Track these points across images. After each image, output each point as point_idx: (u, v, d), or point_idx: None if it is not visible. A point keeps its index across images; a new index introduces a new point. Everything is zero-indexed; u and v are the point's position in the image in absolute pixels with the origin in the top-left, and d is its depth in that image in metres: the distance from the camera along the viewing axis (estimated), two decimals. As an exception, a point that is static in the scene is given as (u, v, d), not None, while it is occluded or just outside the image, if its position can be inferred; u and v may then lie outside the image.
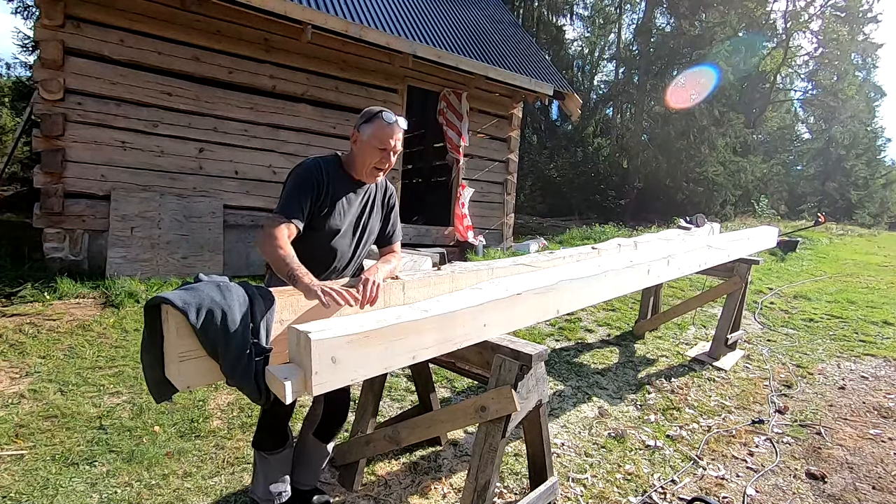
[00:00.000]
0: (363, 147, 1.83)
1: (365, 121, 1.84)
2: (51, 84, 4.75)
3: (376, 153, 1.82)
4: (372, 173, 1.88)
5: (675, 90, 17.27)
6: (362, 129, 1.84)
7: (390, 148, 1.83)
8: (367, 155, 1.83)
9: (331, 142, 6.49)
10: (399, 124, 1.85)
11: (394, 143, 1.84)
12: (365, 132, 1.83)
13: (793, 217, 21.30)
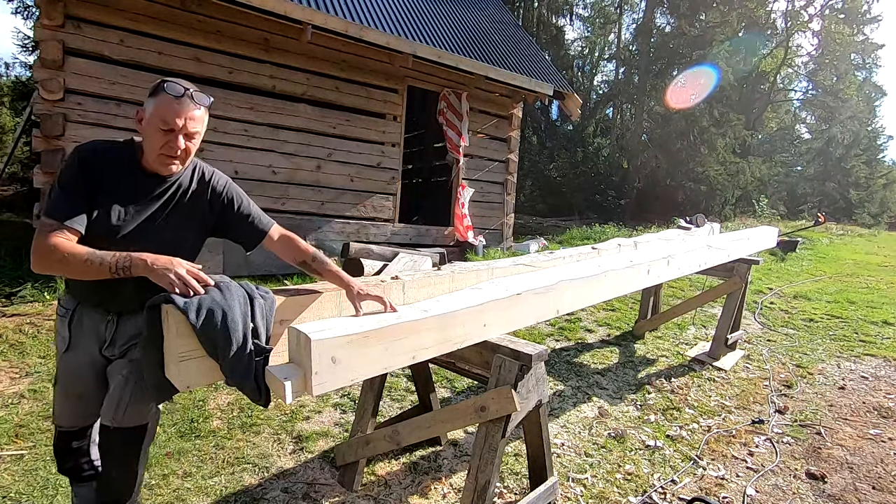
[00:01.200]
0: (146, 128, 1.47)
1: (149, 94, 1.48)
2: (51, 84, 4.75)
3: (160, 136, 1.45)
4: (161, 161, 1.48)
5: (675, 90, 17.28)
6: (146, 105, 1.47)
7: (178, 128, 1.45)
8: (152, 138, 1.46)
9: (330, 142, 6.50)
10: (194, 99, 1.47)
11: (182, 123, 1.45)
12: (148, 109, 1.46)
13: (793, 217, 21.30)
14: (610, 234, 10.31)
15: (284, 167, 6.18)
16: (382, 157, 6.99)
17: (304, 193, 6.35)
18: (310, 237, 6.35)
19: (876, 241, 16.69)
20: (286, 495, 2.30)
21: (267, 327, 1.45)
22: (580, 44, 24.53)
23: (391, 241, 6.97)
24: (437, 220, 7.96)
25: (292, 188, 6.25)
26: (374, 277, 2.01)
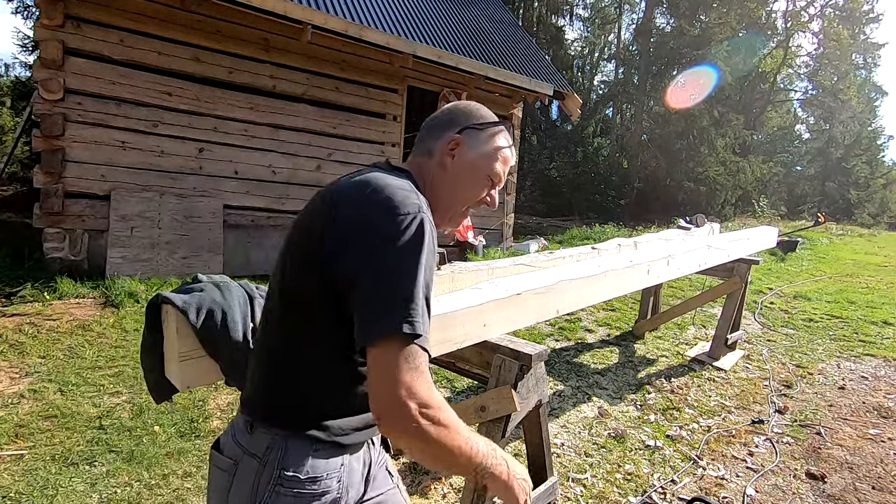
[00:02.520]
0: (468, 169, 1.05)
1: (476, 126, 1.07)
2: (51, 84, 4.76)
3: (483, 185, 1.09)
4: (464, 216, 1.18)
5: (674, 90, 17.27)
6: (471, 139, 1.05)
7: (500, 183, 1.13)
8: (472, 185, 1.08)
9: (330, 142, 6.50)
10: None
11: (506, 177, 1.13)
12: (476, 145, 1.06)
13: (793, 217, 21.30)
14: (610, 234, 10.31)
15: (285, 167, 6.18)
16: (382, 157, 6.99)
17: (304, 193, 6.34)
18: (310, 237, 6.35)
19: (876, 241, 16.69)
20: (286, 495, 2.29)
21: (267, 327, 1.45)
22: (580, 44, 24.54)
23: (391, 241, 6.96)
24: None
25: (292, 188, 6.25)
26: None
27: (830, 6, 22.07)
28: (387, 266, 0.80)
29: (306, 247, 0.89)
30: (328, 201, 0.90)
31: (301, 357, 0.92)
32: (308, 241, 0.89)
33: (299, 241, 0.92)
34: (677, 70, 17.81)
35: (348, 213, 0.86)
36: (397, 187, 0.88)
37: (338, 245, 0.84)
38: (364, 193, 0.87)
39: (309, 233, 0.90)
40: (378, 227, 0.82)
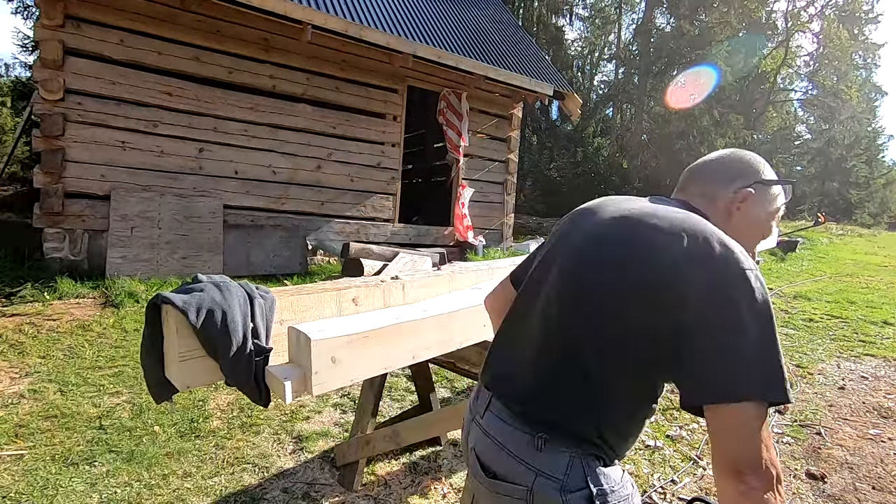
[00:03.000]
0: (753, 224, 1.06)
1: (766, 182, 1.06)
2: (51, 84, 4.76)
3: (759, 238, 1.10)
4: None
5: (674, 90, 17.28)
6: (761, 195, 1.05)
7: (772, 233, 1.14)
8: (749, 237, 1.06)
9: (330, 142, 6.50)
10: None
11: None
12: (765, 203, 1.07)
13: (793, 217, 21.31)
14: (610, 234, 10.28)
15: (284, 167, 6.18)
16: (382, 157, 6.99)
17: (304, 193, 6.35)
18: (310, 237, 6.36)
19: (876, 241, 16.70)
20: (286, 495, 2.30)
21: (267, 327, 1.45)
22: (580, 44, 24.55)
23: (391, 241, 6.97)
24: (437, 220, 7.96)
25: (292, 188, 6.25)
26: (374, 277, 2.01)
27: (830, 6, 22.07)
28: (748, 326, 0.80)
29: (642, 293, 0.87)
30: (662, 248, 0.88)
31: (613, 389, 0.94)
32: (646, 288, 0.87)
33: (627, 283, 0.89)
34: (677, 70, 17.82)
35: (700, 268, 0.85)
36: (731, 239, 0.89)
37: (691, 300, 0.83)
38: (710, 247, 0.86)
39: (644, 277, 0.88)
40: (734, 287, 0.82)
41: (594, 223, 1.02)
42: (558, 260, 1.03)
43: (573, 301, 0.96)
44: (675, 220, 0.93)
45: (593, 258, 0.97)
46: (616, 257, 0.93)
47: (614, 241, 0.95)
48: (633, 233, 0.94)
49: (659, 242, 0.90)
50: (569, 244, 1.04)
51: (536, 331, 1.01)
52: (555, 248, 1.08)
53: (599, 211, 1.05)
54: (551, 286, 1.01)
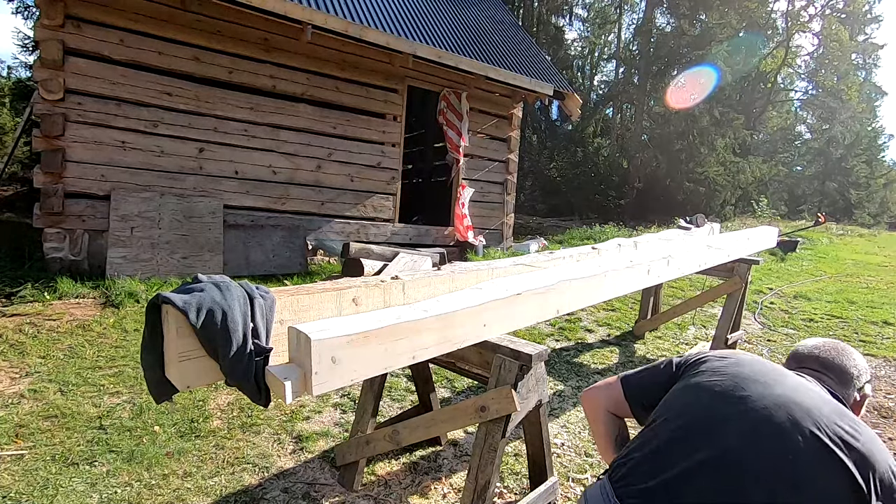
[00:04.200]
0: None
1: (869, 383, 1.31)
2: (51, 84, 4.76)
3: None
4: None
5: (675, 90, 17.28)
6: (867, 389, 1.31)
7: None
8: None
9: (330, 142, 6.50)
10: None
11: None
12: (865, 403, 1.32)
13: (793, 217, 21.29)
14: (610, 234, 10.31)
15: (284, 167, 6.18)
16: (382, 157, 6.99)
17: (304, 193, 6.35)
18: (310, 237, 6.36)
19: (876, 241, 16.69)
20: (286, 495, 2.30)
21: (267, 327, 1.45)
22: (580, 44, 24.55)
23: (391, 241, 6.97)
24: (437, 220, 7.96)
25: (292, 188, 6.25)
26: (374, 277, 2.01)
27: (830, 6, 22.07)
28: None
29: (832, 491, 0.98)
30: (851, 454, 1.00)
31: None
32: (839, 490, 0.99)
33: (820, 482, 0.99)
34: (677, 70, 17.82)
35: (883, 478, 1.00)
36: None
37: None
38: (888, 458, 1.03)
39: (837, 480, 0.99)
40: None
41: (778, 408, 1.07)
42: (737, 423, 1.07)
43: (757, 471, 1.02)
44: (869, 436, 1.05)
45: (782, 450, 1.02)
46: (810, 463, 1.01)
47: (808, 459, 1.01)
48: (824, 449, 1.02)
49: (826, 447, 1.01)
50: (750, 414, 1.08)
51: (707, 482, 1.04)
52: (724, 401, 1.12)
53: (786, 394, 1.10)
54: (728, 448, 1.05)
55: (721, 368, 1.20)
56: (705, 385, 1.18)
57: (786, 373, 1.19)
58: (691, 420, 1.13)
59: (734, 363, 1.21)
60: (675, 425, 1.14)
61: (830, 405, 1.10)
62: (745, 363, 1.20)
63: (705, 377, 1.19)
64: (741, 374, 1.17)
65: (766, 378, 1.14)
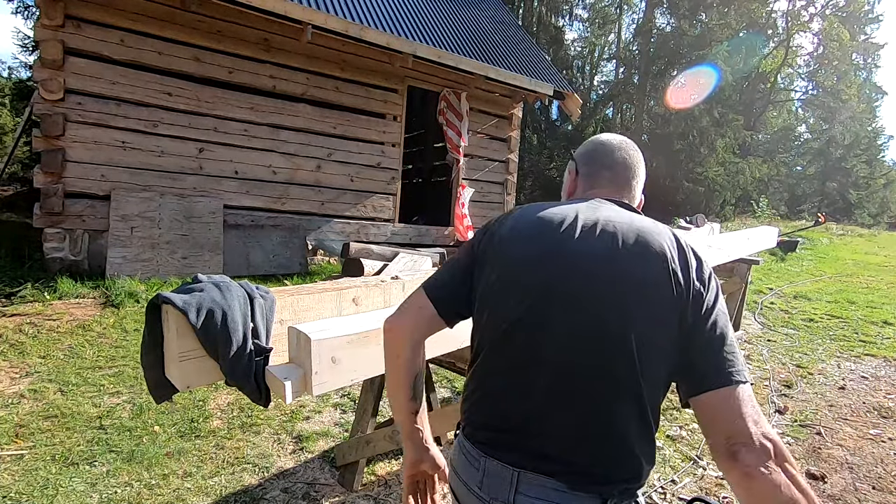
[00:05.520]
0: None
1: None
2: (51, 84, 4.76)
3: None
4: None
5: (675, 90, 17.27)
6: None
7: None
8: None
9: (331, 142, 6.50)
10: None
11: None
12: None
13: (793, 217, 21.29)
14: (610, 234, 10.28)
15: (284, 167, 6.18)
16: (382, 157, 6.99)
17: (304, 193, 6.35)
18: (310, 237, 6.36)
19: (876, 241, 16.69)
20: (286, 495, 2.30)
21: (267, 327, 1.45)
22: (580, 44, 24.52)
23: (391, 241, 6.97)
24: (437, 220, 7.96)
25: (292, 188, 6.25)
26: (374, 277, 2.01)
27: (831, 6, 22.06)
28: (727, 320, 0.92)
29: (664, 304, 0.88)
30: (669, 258, 0.90)
31: (655, 411, 0.92)
32: (664, 298, 0.88)
33: (648, 297, 0.88)
34: (677, 70, 17.81)
35: (696, 274, 0.91)
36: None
37: (696, 302, 0.89)
38: (695, 252, 0.95)
39: (661, 290, 0.88)
40: (714, 286, 0.93)
41: (585, 243, 0.92)
42: (560, 291, 0.90)
43: (604, 332, 0.87)
44: (660, 231, 0.95)
45: (609, 283, 0.88)
46: (637, 277, 0.89)
47: (628, 260, 0.90)
48: (643, 250, 0.91)
49: (666, 255, 0.91)
50: (564, 270, 0.91)
51: (559, 378, 0.89)
52: (536, 276, 0.92)
53: (575, 226, 0.94)
54: (565, 322, 0.89)
55: (521, 239, 0.98)
56: (516, 255, 0.97)
57: (589, 207, 1.01)
58: (516, 323, 0.92)
59: (524, 213, 1.03)
60: (504, 345, 0.95)
61: (634, 218, 0.97)
62: (533, 209, 1.02)
63: (512, 247, 0.98)
64: (543, 231, 0.97)
65: (572, 222, 0.96)
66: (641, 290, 0.88)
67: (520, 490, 0.89)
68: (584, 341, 0.88)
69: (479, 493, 0.93)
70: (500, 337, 0.94)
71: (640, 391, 0.88)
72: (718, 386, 0.84)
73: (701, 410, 0.86)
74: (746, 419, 0.81)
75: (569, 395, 0.89)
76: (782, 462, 0.78)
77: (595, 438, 0.88)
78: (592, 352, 0.87)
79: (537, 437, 0.90)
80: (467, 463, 0.97)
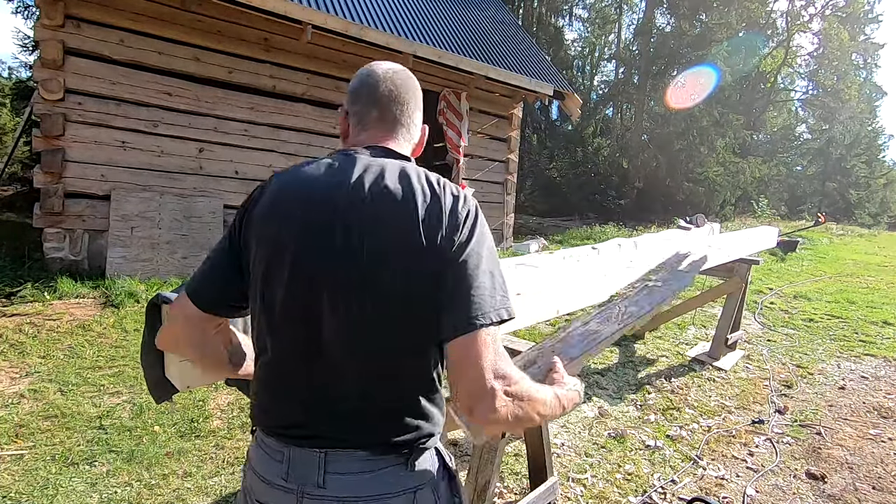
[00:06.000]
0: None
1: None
2: (51, 84, 4.75)
3: None
4: None
5: (675, 90, 17.27)
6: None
7: None
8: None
9: (331, 142, 6.50)
10: None
11: None
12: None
13: (793, 217, 21.29)
14: (610, 234, 10.31)
15: (285, 167, 6.17)
16: (382, 157, 6.98)
17: (304, 193, 6.34)
18: (310, 237, 6.35)
19: (876, 241, 16.69)
20: (286, 495, 2.30)
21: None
22: (580, 44, 24.54)
23: (391, 241, 6.97)
24: (437, 220, 7.95)
25: (292, 188, 6.25)
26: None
27: (830, 6, 22.05)
28: (481, 260, 0.94)
29: (422, 254, 0.86)
30: (420, 205, 0.89)
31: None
32: (420, 249, 0.86)
33: (408, 249, 0.86)
34: (677, 70, 17.82)
35: (448, 219, 0.92)
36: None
37: (449, 243, 0.88)
38: (453, 193, 0.96)
39: (416, 240, 0.86)
40: (470, 223, 0.96)
41: (340, 208, 0.88)
42: (321, 266, 0.87)
43: (376, 294, 0.85)
44: (413, 177, 0.92)
45: (370, 246, 0.86)
46: (389, 230, 0.86)
47: (380, 215, 0.87)
48: (394, 203, 0.87)
49: (417, 204, 0.88)
50: (322, 240, 0.87)
51: (340, 350, 0.87)
52: (294, 251, 0.88)
53: (330, 192, 0.90)
54: (334, 294, 0.86)
55: (274, 203, 0.94)
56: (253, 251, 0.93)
57: (322, 166, 0.97)
58: (283, 307, 0.89)
59: (280, 183, 0.98)
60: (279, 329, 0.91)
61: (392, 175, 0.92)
62: (286, 178, 0.97)
63: (269, 223, 0.92)
64: (279, 204, 0.93)
65: (307, 191, 0.92)
66: (401, 244, 0.85)
67: (328, 470, 0.87)
68: (356, 308, 0.85)
69: (286, 484, 0.89)
70: (275, 320, 0.90)
71: (419, 347, 0.88)
72: (460, 333, 0.82)
73: (447, 360, 0.87)
74: (482, 368, 0.80)
75: (352, 365, 0.87)
76: (514, 401, 0.82)
77: (383, 402, 0.89)
78: (368, 318, 0.85)
79: (333, 414, 0.89)
80: (268, 458, 0.93)
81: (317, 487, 0.87)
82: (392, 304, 0.85)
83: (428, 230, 0.86)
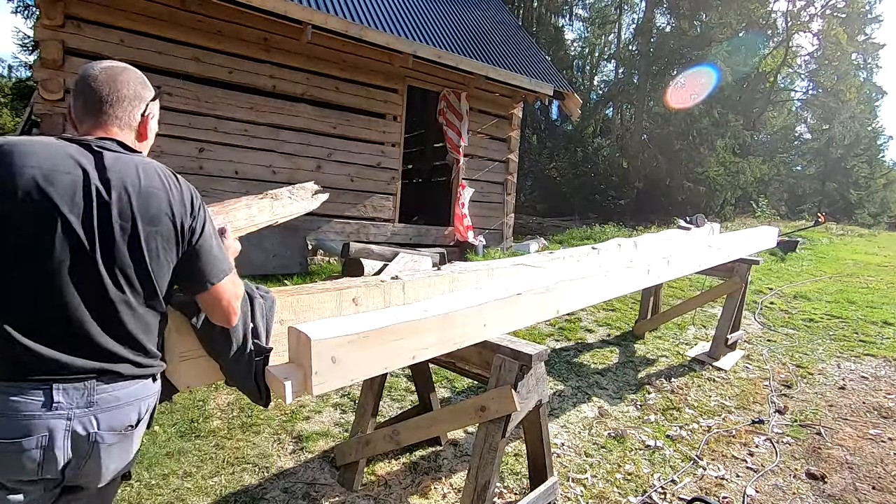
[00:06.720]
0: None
1: (156, 91, 1.39)
2: (51, 84, 4.76)
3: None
4: None
5: (674, 90, 17.28)
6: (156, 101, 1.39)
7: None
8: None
9: (330, 142, 6.50)
10: None
11: None
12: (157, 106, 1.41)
13: (793, 217, 21.29)
14: (610, 234, 10.31)
15: (284, 167, 6.18)
16: (382, 157, 6.99)
17: (304, 193, 6.34)
18: (310, 237, 6.36)
19: (876, 241, 16.69)
20: (286, 495, 2.30)
21: (267, 327, 1.45)
22: (580, 44, 24.53)
23: (391, 241, 6.97)
24: (437, 220, 7.96)
25: (292, 188, 6.25)
26: (374, 277, 2.01)
27: (830, 6, 22.05)
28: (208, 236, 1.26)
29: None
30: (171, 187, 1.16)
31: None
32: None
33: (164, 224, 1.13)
34: (677, 70, 17.82)
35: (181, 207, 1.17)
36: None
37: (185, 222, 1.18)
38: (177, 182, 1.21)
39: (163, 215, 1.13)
40: (201, 212, 1.23)
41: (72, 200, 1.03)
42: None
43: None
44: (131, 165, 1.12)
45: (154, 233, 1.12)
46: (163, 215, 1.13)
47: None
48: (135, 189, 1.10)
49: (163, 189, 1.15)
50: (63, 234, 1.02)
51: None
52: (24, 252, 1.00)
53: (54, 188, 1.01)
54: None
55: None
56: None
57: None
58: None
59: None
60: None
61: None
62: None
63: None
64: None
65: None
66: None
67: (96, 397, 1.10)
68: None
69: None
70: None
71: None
72: (201, 291, 1.20)
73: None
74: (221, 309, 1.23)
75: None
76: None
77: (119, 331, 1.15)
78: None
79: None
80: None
81: (90, 406, 1.11)
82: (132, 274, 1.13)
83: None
